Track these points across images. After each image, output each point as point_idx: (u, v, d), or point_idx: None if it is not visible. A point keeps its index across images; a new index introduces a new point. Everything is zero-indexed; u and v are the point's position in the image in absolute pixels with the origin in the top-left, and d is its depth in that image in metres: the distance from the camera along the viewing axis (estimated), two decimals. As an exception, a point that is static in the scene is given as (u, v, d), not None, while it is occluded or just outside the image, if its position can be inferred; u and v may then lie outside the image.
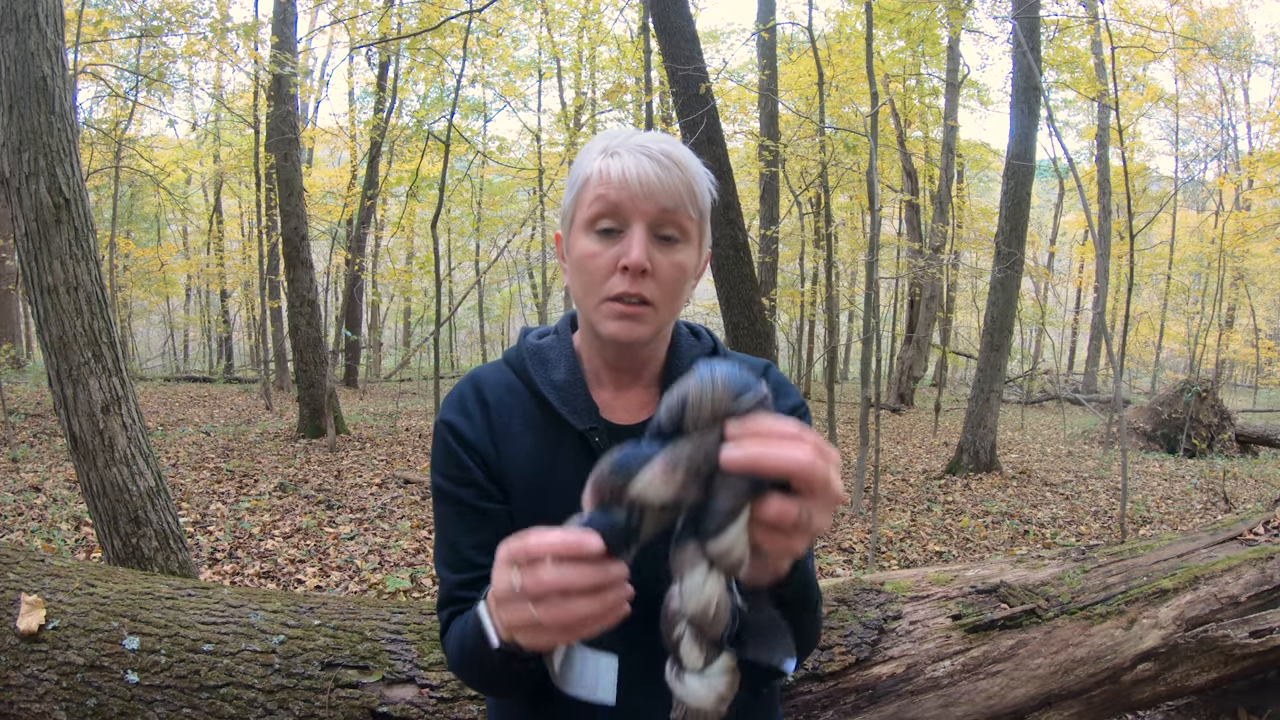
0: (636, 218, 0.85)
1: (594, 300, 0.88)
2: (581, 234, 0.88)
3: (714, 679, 0.64)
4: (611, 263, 0.86)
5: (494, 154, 16.44)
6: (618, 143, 0.87)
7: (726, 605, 0.63)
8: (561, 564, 0.62)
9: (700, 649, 0.64)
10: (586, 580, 0.61)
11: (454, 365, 24.92)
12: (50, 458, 6.88)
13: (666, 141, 0.88)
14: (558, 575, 0.61)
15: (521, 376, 0.98)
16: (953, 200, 16.38)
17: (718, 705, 0.64)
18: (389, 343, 26.68)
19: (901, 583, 2.09)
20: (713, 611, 0.62)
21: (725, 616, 0.63)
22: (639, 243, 0.84)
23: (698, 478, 0.60)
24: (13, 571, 1.80)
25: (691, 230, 0.88)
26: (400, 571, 4.39)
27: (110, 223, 13.70)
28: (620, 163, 0.85)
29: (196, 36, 9.95)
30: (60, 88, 2.88)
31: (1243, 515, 2.87)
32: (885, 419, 13.72)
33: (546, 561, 0.62)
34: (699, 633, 0.63)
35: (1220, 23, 18.07)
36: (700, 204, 0.88)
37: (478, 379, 0.99)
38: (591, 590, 0.62)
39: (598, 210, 0.86)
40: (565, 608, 0.62)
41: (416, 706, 1.60)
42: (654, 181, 0.84)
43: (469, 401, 0.96)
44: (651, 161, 0.84)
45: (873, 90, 6.47)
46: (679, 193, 0.85)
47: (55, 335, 2.86)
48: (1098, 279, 13.50)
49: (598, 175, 0.86)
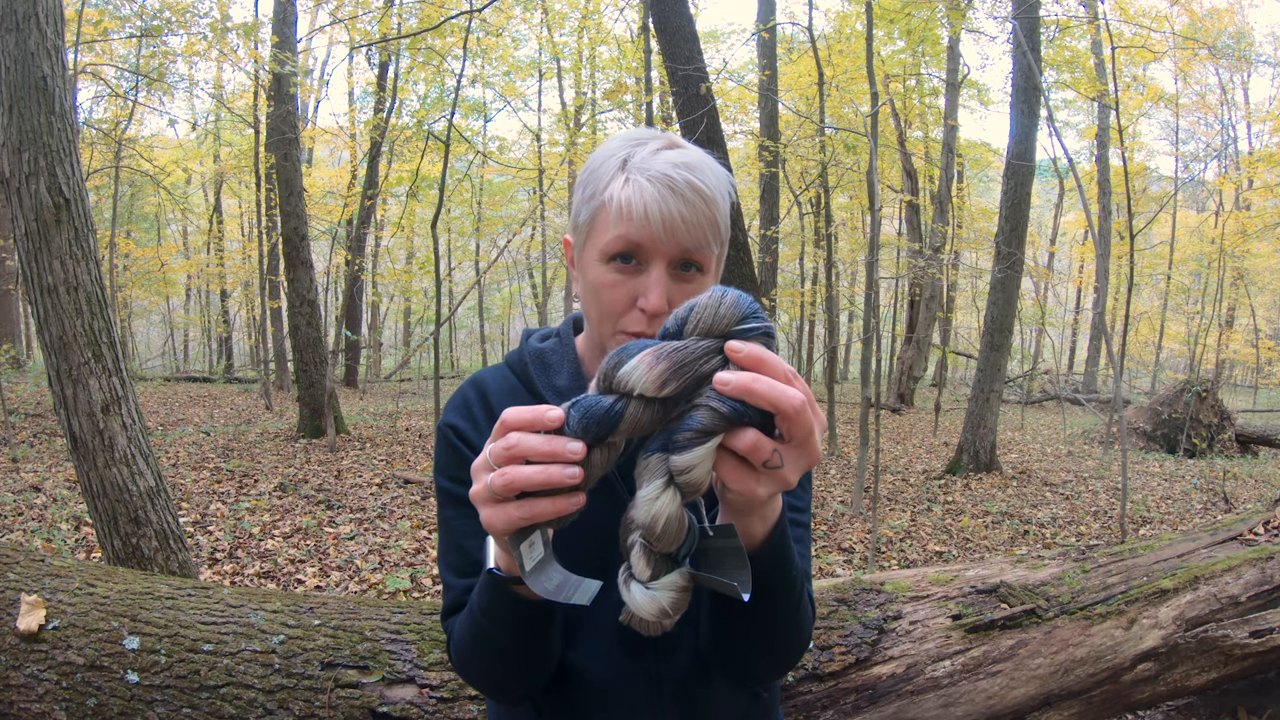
0: (657, 258, 0.82)
1: (608, 329, 0.86)
2: (597, 261, 0.85)
3: (659, 592, 0.64)
4: (628, 298, 0.84)
5: (494, 154, 16.44)
6: (639, 162, 0.83)
7: (678, 523, 0.62)
8: (521, 432, 0.62)
9: (648, 561, 0.64)
10: (536, 448, 0.61)
11: (454, 365, 24.95)
12: (50, 458, 6.88)
13: (692, 167, 0.83)
14: (515, 439, 0.62)
15: (524, 380, 0.97)
16: (953, 200, 16.38)
17: (659, 617, 0.64)
18: (389, 343, 26.69)
19: (901, 583, 2.09)
20: (660, 526, 0.62)
21: (676, 534, 0.63)
22: (658, 287, 0.82)
23: (680, 377, 0.60)
24: (13, 571, 1.80)
25: (711, 263, 0.86)
26: (400, 571, 4.39)
27: (110, 223, 13.70)
28: (643, 198, 0.81)
29: (196, 36, 9.95)
30: (60, 88, 2.88)
31: (1243, 515, 2.87)
32: (885, 419, 13.72)
33: (510, 433, 0.62)
34: (648, 545, 0.63)
35: (1220, 23, 18.06)
36: (723, 235, 0.85)
37: (480, 381, 0.98)
38: (542, 458, 0.61)
39: (617, 248, 0.83)
40: (516, 473, 0.61)
41: (416, 706, 1.60)
42: (677, 223, 0.81)
43: (473, 405, 0.95)
44: (677, 198, 0.80)
45: (873, 90, 6.47)
46: (702, 230, 0.82)
47: (55, 335, 2.86)
48: (1098, 279, 13.50)
49: (617, 209, 0.82)
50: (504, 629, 0.79)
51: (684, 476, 0.61)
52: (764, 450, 0.60)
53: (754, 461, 0.61)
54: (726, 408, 0.60)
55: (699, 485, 0.62)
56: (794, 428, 0.60)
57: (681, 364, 0.60)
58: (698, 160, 0.84)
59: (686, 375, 0.60)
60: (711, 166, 0.85)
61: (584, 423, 0.61)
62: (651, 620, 0.64)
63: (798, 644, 0.87)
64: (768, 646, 0.84)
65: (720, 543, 0.68)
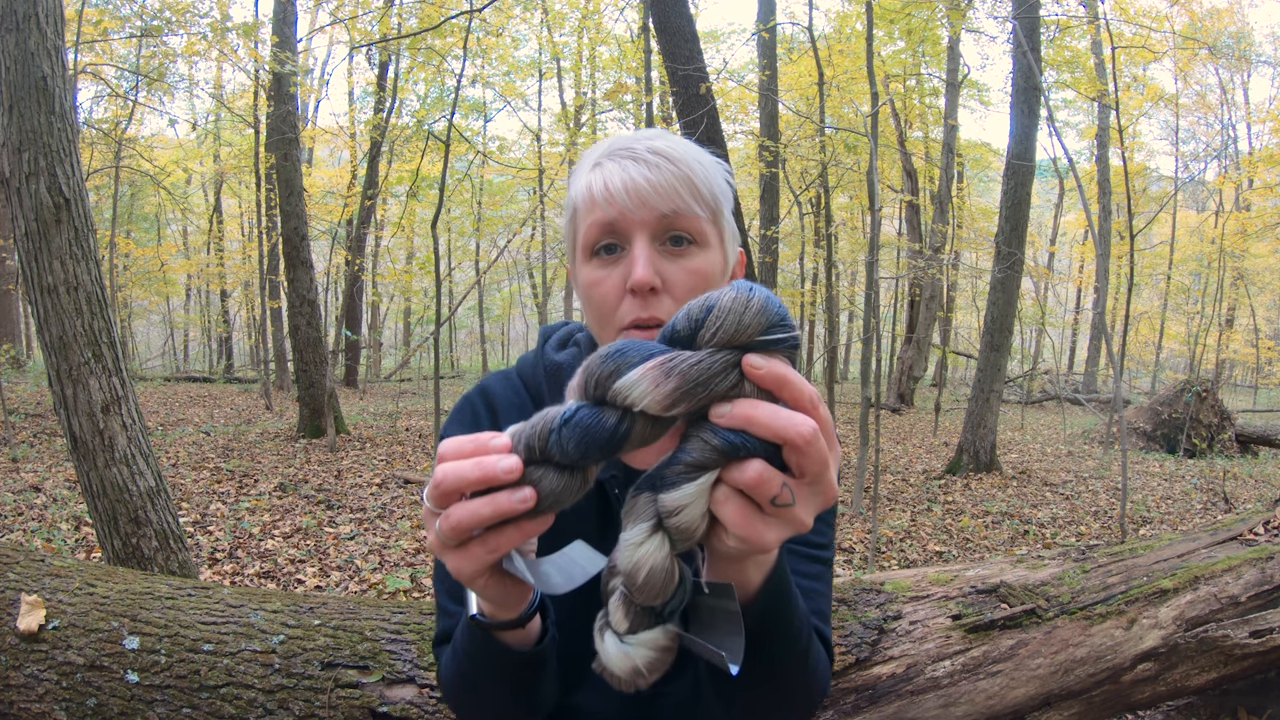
0: (636, 230, 0.75)
1: (609, 332, 0.77)
2: (584, 263, 0.79)
3: (635, 649, 0.56)
4: (619, 286, 0.76)
5: (494, 154, 16.43)
6: (602, 151, 0.78)
7: (664, 574, 0.53)
8: (451, 462, 0.53)
9: (627, 612, 0.56)
10: (464, 476, 0.51)
11: (454, 365, 24.96)
12: (50, 458, 6.88)
13: (657, 137, 0.77)
14: (440, 474, 0.52)
15: (534, 396, 0.90)
16: (953, 200, 16.39)
17: (632, 676, 0.56)
18: (389, 343, 26.69)
19: (901, 583, 2.09)
20: (642, 577, 0.53)
21: (661, 587, 0.54)
22: (643, 258, 0.74)
23: (691, 399, 0.50)
24: (13, 571, 1.80)
25: (705, 229, 0.77)
26: (400, 571, 4.39)
27: (110, 223, 13.71)
28: (603, 175, 0.75)
29: (196, 36, 9.96)
30: (60, 88, 2.88)
31: (1243, 515, 2.87)
32: (885, 419, 13.71)
33: (438, 465, 0.54)
34: (628, 595, 0.55)
35: (1220, 23, 18.08)
36: (708, 198, 0.77)
37: (488, 393, 0.92)
38: (477, 485, 0.52)
39: (594, 235, 0.76)
40: (459, 513, 0.52)
41: (416, 706, 1.60)
42: (643, 186, 0.74)
43: (481, 419, 0.89)
44: (638, 164, 0.74)
45: (873, 90, 6.47)
46: (675, 191, 0.74)
47: (55, 335, 2.86)
48: (1098, 279, 13.50)
49: (585, 197, 0.77)
50: (492, 677, 0.72)
51: (674, 519, 0.52)
52: (772, 485, 0.50)
53: (760, 499, 0.51)
54: (720, 440, 0.50)
55: (692, 529, 0.53)
56: (805, 461, 0.50)
57: (695, 382, 0.50)
58: (663, 133, 0.79)
59: (699, 396, 0.50)
60: (684, 141, 0.78)
61: (582, 446, 0.51)
62: (624, 679, 0.56)
63: (805, 698, 0.76)
64: (771, 701, 0.74)
65: (714, 602, 0.58)
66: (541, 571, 0.59)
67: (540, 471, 0.52)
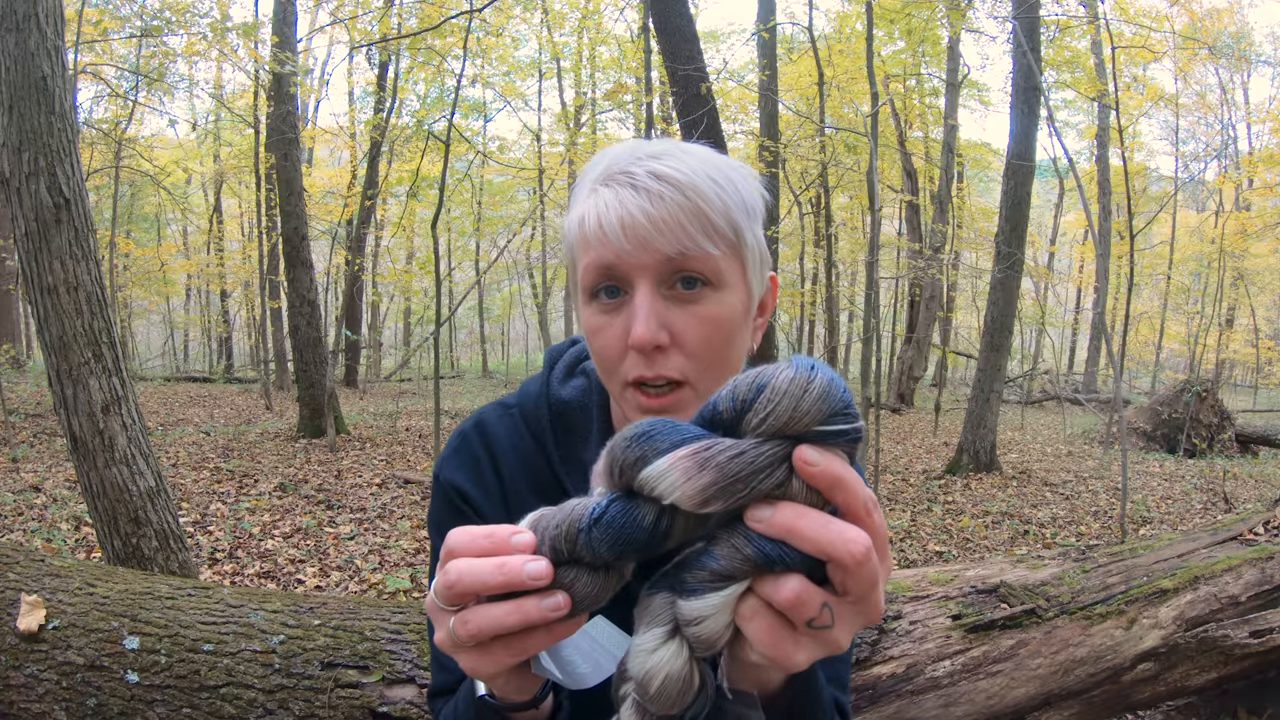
0: (636, 276, 0.65)
1: (615, 385, 0.70)
2: (584, 304, 0.70)
3: None
4: (621, 338, 0.67)
5: (494, 154, 16.43)
6: (599, 173, 0.67)
7: (680, 684, 0.48)
8: (465, 559, 0.48)
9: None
10: (484, 580, 0.47)
11: (454, 365, 24.97)
12: (50, 458, 6.88)
13: (662, 154, 0.66)
14: (455, 574, 0.47)
15: (539, 441, 0.81)
16: (953, 200, 16.39)
17: None
18: (389, 343, 26.69)
19: (901, 583, 2.09)
20: (655, 686, 0.47)
21: (677, 696, 0.48)
22: (644, 311, 0.64)
23: (729, 496, 0.44)
24: (13, 571, 1.80)
25: (721, 267, 0.66)
26: (400, 571, 4.39)
27: (110, 223, 13.71)
28: (597, 208, 0.65)
29: (196, 36, 9.97)
30: (60, 88, 2.88)
31: (1243, 515, 2.87)
32: (885, 419, 13.71)
33: (450, 562, 0.49)
34: (641, 703, 0.49)
35: (1220, 23, 18.08)
36: (724, 229, 0.66)
37: (488, 434, 0.83)
38: (498, 590, 0.47)
39: (591, 277, 0.67)
40: (481, 619, 0.48)
41: (416, 706, 1.60)
42: (643, 224, 0.63)
43: (482, 465, 0.81)
44: (637, 195, 0.63)
45: (873, 90, 6.48)
46: (682, 228, 0.63)
47: (55, 335, 2.86)
48: (1098, 279, 13.51)
49: (580, 233, 0.67)
50: None
51: (694, 629, 0.46)
52: (810, 606, 0.44)
53: (795, 620, 0.45)
54: (755, 550, 0.44)
55: (713, 641, 0.47)
56: (851, 581, 0.44)
57: (735, 478, 0.43)
58: (670, 147, 0.67)
59: (738, 494, 0.44)
60: (691, 151, 0.68)
61: (617, 548, 0.46)
62: None
63: None
64: None
65: (738, 710, 0.53)
66: (566, 661, 0.54)
67: (572, 574, 0.47)
